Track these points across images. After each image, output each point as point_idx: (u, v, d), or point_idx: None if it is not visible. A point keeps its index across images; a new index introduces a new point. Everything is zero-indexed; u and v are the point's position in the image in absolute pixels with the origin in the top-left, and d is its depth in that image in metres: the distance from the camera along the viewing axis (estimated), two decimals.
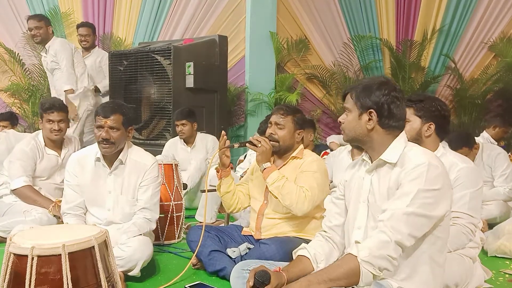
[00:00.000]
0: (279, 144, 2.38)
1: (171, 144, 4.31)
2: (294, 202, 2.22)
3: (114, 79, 4.93)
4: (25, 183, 3.05)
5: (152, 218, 2.47)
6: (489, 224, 3.31)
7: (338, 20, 6.48)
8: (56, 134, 3.15)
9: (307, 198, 2.23)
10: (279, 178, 2.26)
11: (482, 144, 3.74)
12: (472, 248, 2.11)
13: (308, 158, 2.41)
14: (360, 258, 1.44)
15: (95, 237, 1.36)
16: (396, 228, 1.44)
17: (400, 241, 1.44)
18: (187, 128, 4.14)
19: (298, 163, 2.39)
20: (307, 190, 2.25)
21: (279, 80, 6.03)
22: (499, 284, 2.38)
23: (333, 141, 5.05)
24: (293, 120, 2.40)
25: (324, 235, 1.77)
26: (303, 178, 2.32)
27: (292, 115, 2.41)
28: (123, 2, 6.09)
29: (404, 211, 1.45)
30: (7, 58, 5.94)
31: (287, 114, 2.40)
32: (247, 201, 2.57)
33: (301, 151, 2.45)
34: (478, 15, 6.58)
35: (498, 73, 6.44)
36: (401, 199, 1.47)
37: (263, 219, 2.42)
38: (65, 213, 2.46)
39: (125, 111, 2.42)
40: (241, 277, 1.87)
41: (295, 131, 2.41)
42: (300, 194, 2.24)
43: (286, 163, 2.42)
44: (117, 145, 2.39)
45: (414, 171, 1.48)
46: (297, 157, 2.42)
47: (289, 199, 2.22)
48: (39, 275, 1.27)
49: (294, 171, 2.38)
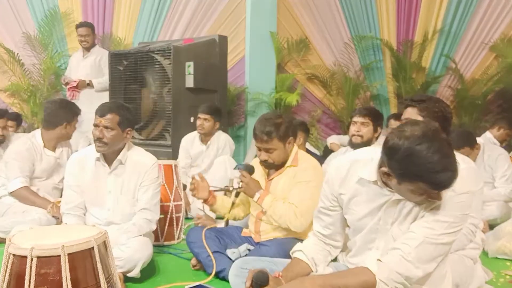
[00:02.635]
0: (275, 164, 2.36)
1: (188, 139, 4.24)
2: (287, 223, 2.25)
3: (114, 79, 4.92)
4: (22, 184, 3.03)
5: (152, 218, 2.46)
6: (490, 225, 3.31)
7: (338, 20, 6.47)
8: None
9: (298, 215, 2.23)
10: (272, 201, 2.29)
11: (483, 144, 3.74)
12: (473, 249, 2.11)
13: (302, 165, 2.36)
14: (379, 277, 1.44)
15: (94, 238, 1.36)
16: (424, 259, 1.43)
17: (426, 271, 1.45)
18: (209, 125, 4.02)
19: (293, 171, 2.36)
20: (296, 207, 2.24)
21: (279, 80, 6.03)
22: (500, 285, 2.38)
23: (333, 142, 5.04)
24: (279, 138, 2.30)
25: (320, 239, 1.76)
26: (296, 191, 2.30)
27: (275, 136, 2.28)
28: (123, 2, 6.08)
29: (434, 241, 1.43)
30: (7, 58, 5.93)
31: (270, 137, 2.28)
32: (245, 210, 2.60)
33: (296, 157, 2.39)
34: (478, 16, 6.58)
35: (499, 74, 6.42)
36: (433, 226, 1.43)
37: (262, 223, 2.42)
38: (64, 213, 2.45)
39: (122, 112, 2.39)
40: (240, 275, 1.87)
41: (285, 146, 2.34)
42: (291, 214, 2.24)
43: (281, 172, 2.39)
44: (110, 146, 2.37)
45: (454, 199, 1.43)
46: (292, 165, 2.38)
47: (284, 222, 2.26)
48: (39, 276, 1.26)
49: (290, 180, 2.35)
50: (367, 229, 1.60)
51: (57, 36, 6.04)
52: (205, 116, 4.02)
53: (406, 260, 1.43)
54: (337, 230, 1.73)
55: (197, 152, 4.17)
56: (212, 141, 4.15)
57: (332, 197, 1.68)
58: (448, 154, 1.32)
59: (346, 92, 6.35)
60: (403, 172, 1.36)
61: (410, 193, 1.41)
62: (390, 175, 1.41)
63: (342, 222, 1.73)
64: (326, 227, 1.73)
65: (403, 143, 1.33)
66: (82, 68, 5.17)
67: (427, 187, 1.35)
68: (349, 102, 6.34)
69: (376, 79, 6.64)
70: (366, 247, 1.63)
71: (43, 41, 5.96)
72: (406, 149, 1.33)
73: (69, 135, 3.32)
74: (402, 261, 1.44)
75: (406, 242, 1.46)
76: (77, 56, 5.31)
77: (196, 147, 4.19)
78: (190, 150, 4.19)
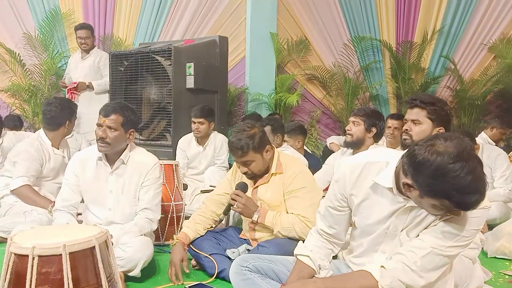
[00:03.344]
0: (256, 175, 2.34)
1: (184, 140, 4.25)
2: (298, 232, 2.23)
3: (115, 79, 4.93)
4: (23, 182, 3.04)
5: (153, 218, 2.47)
6: (489, 225, 3.31)
7: (338, 21, 6.48)
8: None
9: (307, 222, 2.22)
10: (275, 216, 2.26)
11: (482, 145, 3.74)
12: (472, 249, 2.11)
13: (288, 172, 2.32)
14: (381, 284, 1.43)
15: (96, 237, 1.36)
16: (428, 268, 1.42)
17: (428, 281, 1.44)
18: (204, 127, 4.03)
19: (280, 179, 2.33)
20: (303, 217, 2.23)
21: (279, 81, 6.04)
22: (499, 285, 2.38)
23: (333, 142, 5.05)
24: (255, 150, 2.25)
25: (324, 237, 1.76)
26: (294, 201, 2.28)
27: (250, 148, 2.24)
28: (124, 3, 6.09)
29: (442, 252, 1.42)
30: (8, 58, 5.94)
31: (245, 151, 2.24)
32: None
33: (279, 164, 2.36)
34: (478, 16, 6.59)
35: (498, 74, 6.44)
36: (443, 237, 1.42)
37: (256, 232, 2.42)
38: (57, 210, 2.42)
39: (126, 113, 2.39)
40: (240, 273, 1.88)
41: (262, 155, 2.31)
42: (298, 223, 2.23)
43: (267, 181, 2.37)
44: (113, 146, 2.37)
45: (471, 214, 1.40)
46: (276, 173, 2.35)
47: (294, 233, 2.23)
48: (40, 275, 1.27)
49: (278, 188, 2.33)
50: (376, 234, 1.58)
51: (58, 36, 6.05)
52: (199, 119, 4.04)
53: (411, 269, 1.43)
54: (342, 229, 1.72)
55: (194, 153, 4.18)
56: (209, 142, 4.18)
57: (341, 197, 1.64)
58: (480, 177, 1.26)
59: (346, 93, 6.36)
60: (430, 189, 1.30)
61: (430, 207, 1.37)
62: (412, 187, 1.35)
63: (347, 222, 1.73)
64: (332, 226, 1.71)
65: (434, 159, 1.26)
66: (81, 70, 5.20)
67: (452, 206, 1.31)
68: (348, 103, 6.35)
69: (376, 79, 6.65)
70: (372, 249, 1.62)
71: (44, 42, 5.97)
72: (438, 167, 1.25)
73: (70, 131, 3.43)
74: (406, 270, 1.43)
75: (412, 250, 1.44)
76: (75, 57, 5.33)
77: (193, 149, 4.21)
78: (187, 151, 4.20)
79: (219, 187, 2.61)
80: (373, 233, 1.59)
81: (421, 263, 1.41)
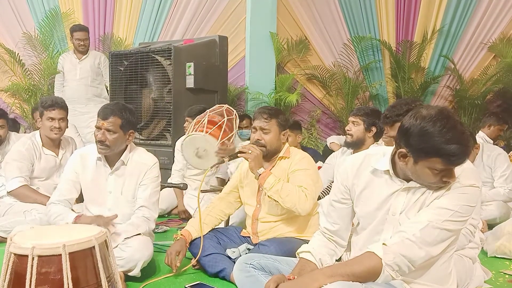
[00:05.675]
0: (266, 149, 2.36)
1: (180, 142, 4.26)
2: (296, 203, 2.21)
3: (115, 79, 4.93)
4: (21, 183, 3.04)
5: (150, 217, 2.45)
6: (489, 224, 3.32)
7: (338, 21, 6.48)
8: (56, 133, 3.13)
9: (308, 197, 2.23)
10: (276, 181, 2.24)
11: (482, 144, 3.74)
12: (472, 248, 2.12)
13: (296, 156, 2.40)
14: (385, 261, 1.48)
15: (95, 237, 1.36)
16: (428, 241, 1.48)
17: (429, 254, 1.49)
18: None
19: (287, 163, 2.38)
20: (305, 189, 2.24)
21: (279, 80, 6.03)
22: (499, 284, 2.38)
23: (333, 142, 5.05)
24: (278, 123, 2.38)
25: (327, 237, 1.79)
26: (298, 177, 2.31)
27: (275, 118, 2.38)
28: (124, 3, 6.09)
29: (439, 225, 1.48)
30: (7, 58, 5.93)
31: (271, 117, 2.37)
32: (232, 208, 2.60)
33: (288, 150, 2.44)
34: (478, 16, 6.59)
35: (498, 74, 6.44)
36: (439, 212, 1.50)
37: (258, 223, 2.42)
38: (52, 203, 2.41)
39: (125, 115, 2.38)
40: (244, 269, 1.89)
41: (280, 133, 2.39)
42: (300, 194, 2.23)
43: (274, 164, 2.40)
44: (112, 148, 2.37)
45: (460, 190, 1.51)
46: (284, 157, 2.40)
47: (290, 201, 2.21)
48: (40, 275, 1.27)
49: (284, 172, 2.36)
50: (377, 220, 1.65)
51: (58, 36, 6.04)
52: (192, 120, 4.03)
53: (410, 240, 1.49)
54: (344, 225, 1.77)
55: None
56: None
57: (344, 188, 1.74)
58: (462, 131, 1.43)
59: (346, 93, 6.36)
60: (421, 148, 1.44)
61: (426, 175, 1.48)
62: (407, 156, 1.49)
63: (350, 218, 1.78)
64: (335, 222, 1.77)
65: (420, 122, 1.45)
66: (80, 71, 5.22)
67: (442, 162, 1.43)
68: (348, 102, 6.35)
69: (375, 79, 6.65)
70: (372, 239, 1.66)
71: (43, 41, 5.96)
72: (423, 126, 1.43)
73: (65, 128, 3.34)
74: (406, 242, 1.49)
75: (411, 225, 1.52)
76: (70, 58, 5.31)
77: None
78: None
79: (227, 186, 2.64)
80: (374, 221, 1.66)
81: (420, 234, 1.48)
